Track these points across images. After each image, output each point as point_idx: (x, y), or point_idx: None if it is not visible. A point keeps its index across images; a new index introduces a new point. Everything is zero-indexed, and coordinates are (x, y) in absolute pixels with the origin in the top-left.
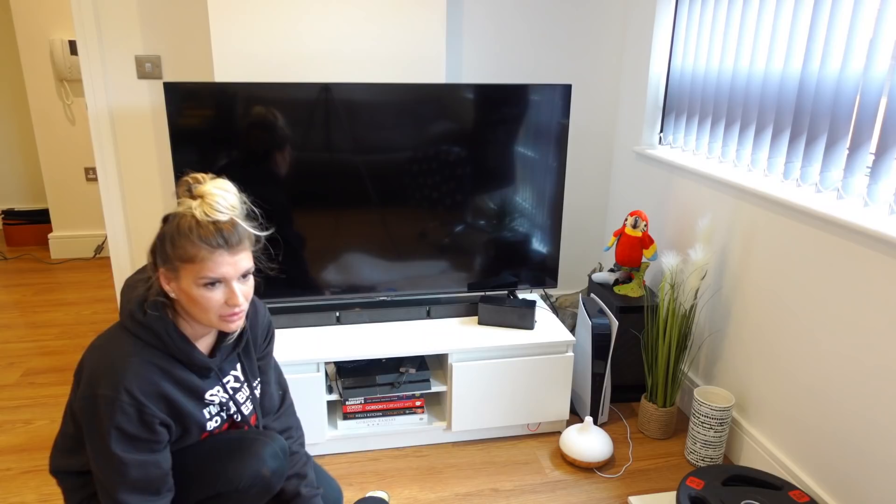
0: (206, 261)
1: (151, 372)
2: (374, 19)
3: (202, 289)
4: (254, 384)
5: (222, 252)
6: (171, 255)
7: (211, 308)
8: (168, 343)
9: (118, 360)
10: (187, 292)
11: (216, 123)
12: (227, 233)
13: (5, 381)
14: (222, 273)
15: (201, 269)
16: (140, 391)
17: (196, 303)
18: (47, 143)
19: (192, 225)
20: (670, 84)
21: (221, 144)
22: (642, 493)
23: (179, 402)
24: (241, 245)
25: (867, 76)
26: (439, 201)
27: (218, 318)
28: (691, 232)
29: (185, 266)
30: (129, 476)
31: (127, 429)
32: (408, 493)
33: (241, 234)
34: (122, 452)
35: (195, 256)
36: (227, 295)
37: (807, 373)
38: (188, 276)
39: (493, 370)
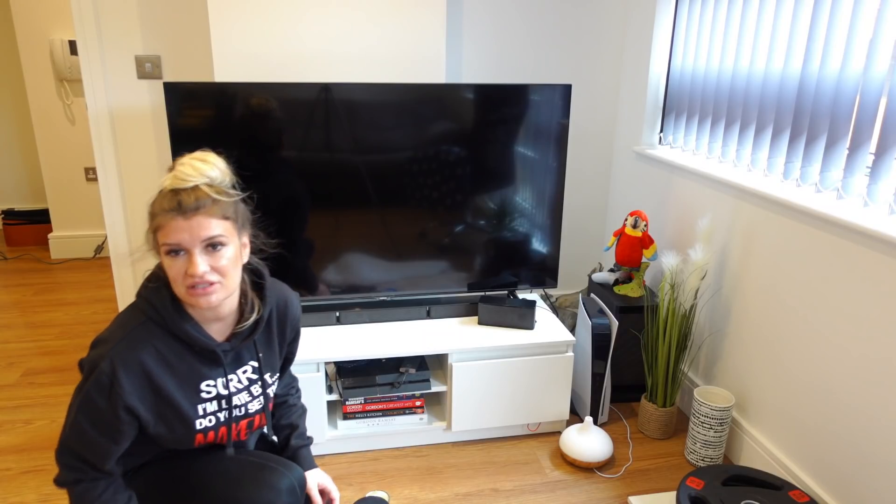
0: (164, 227)
1: (142, 349)
2: (374, 19)
3: (167, 257)
4: (271, 381)
5: (176, 217)
6: (149, 228)
7: (177, 278)
8: (166, 317)
9: (117, 331)
10: (164, 265)
11: (216, 123)
12: (182, 198)
13: (5, 381)
14: (178, 239)
15: (162, 235)
16: (121, 366)
17: (168, 275)
18: (47, 143)
19: (160, 195)
20: (670, 84)
21: (221, 144)
22: (642, 493)
23: (166, 387)
24: (200, 210)
25: (867, 76)
26: (439, 201)
27: (186, 291)
28: (691, 232)
29: (155, 235)
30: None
31: (95, 399)
32: (408, 493)
33: (201, 201)
34: (82, 420)
35: (158, 225)
36: (187, 264)
37: (807, 373)
38: (159, 245)
39: (493, 370)
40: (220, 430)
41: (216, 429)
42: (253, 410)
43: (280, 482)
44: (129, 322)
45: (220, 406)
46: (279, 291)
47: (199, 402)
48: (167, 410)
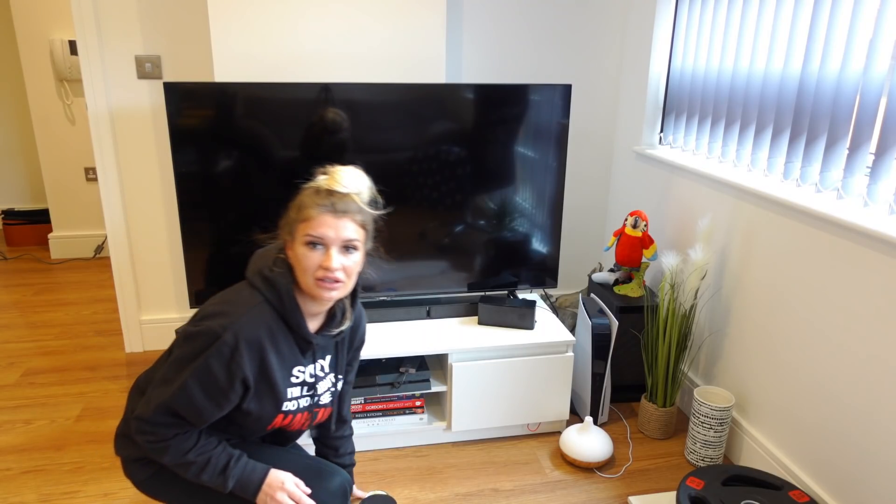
0: (313, 219)
1: (260, 327)
2: (373, 19)
3: (305, 247)
4: (338, 378)
5: (328, 213)
6: (293, 217)
7: (309, 268)
8: (285, 303)
9: (236, 307)
10: (296, 252)
11: (216, 123)
12: (336, 198)
13: (5, 381)
14: (323, 233)
15: (307, 226)
16: (244, 339)
17: (299, 262)
18: (47, 143)
19: (315, 190)
20: (670, 84)
21: (221, 144)
22: (642, 493)
23: (272, 366)
24: (347, 214)
25: (867, 76)
26: (439, 201)
27: (314, 282)
28: (691, 232)
29: (299, 226)
30: (181, 402)
31: (213, 367)
32: (408, 493)
33: (351, 205)
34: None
35: (307, 216)
36: (324, 258)
37: (807, 372)
38: (299, 236)
39: (493, 370)
40: (297, 416)
41: (294, 414)
42: (324, 402)
43: (332, 483)
44: (249, 300)
45: (301, 392)
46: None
47: (289, 386)
48: (265, 388)
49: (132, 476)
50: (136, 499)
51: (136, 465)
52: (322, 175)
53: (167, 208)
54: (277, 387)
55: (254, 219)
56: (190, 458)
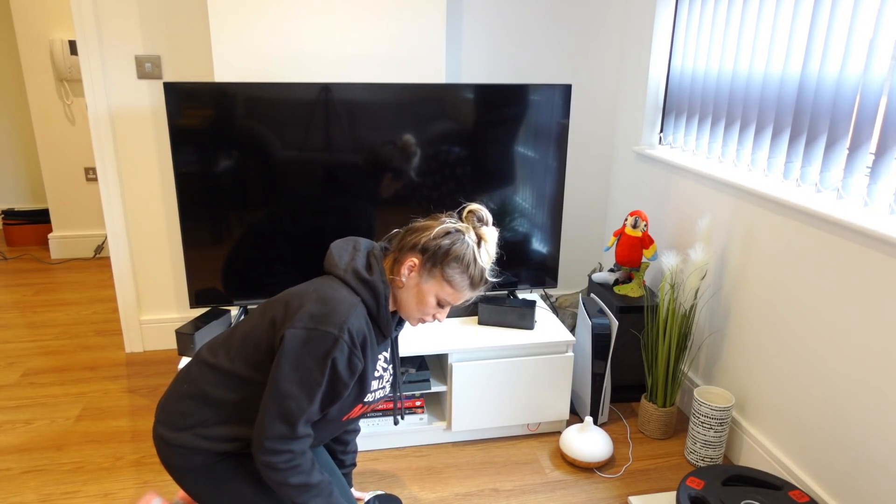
0: (458, 291)
1: (364, 325)
2: (374, 19)
3: (433, 301)
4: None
5: (471, 291)
6: (438, 263)
7: (425, 313)
8: (381, 306)
9: (342, 305)
10: (422, 293)
11: (216, 123)
12: (483, 278)
13: (5, 381)
14: (455, 301)
15: (450, 293)
16: (359, 337)
17: (420, 303)
18: (47, 143)
19: (471, 261)
20: (670, 84)
21: (221, 144)
22: (642, 493)
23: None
24: (482, 288)
25: (867, 76)
26: (439, 201)
27: (417, 318)
28: (691, 232)
29: (441, 282)
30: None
31: (338, 365)
32: (408, 493)
33: (486, 280)
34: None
35: (457, 285)
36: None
37: (807, 372)
38: (435, 287)
39: (493, 370)
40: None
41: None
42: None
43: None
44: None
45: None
46: None
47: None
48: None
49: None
50: (136, 499)
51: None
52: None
53: (167, 208)
54: (368, 380)
55: (254, 219)
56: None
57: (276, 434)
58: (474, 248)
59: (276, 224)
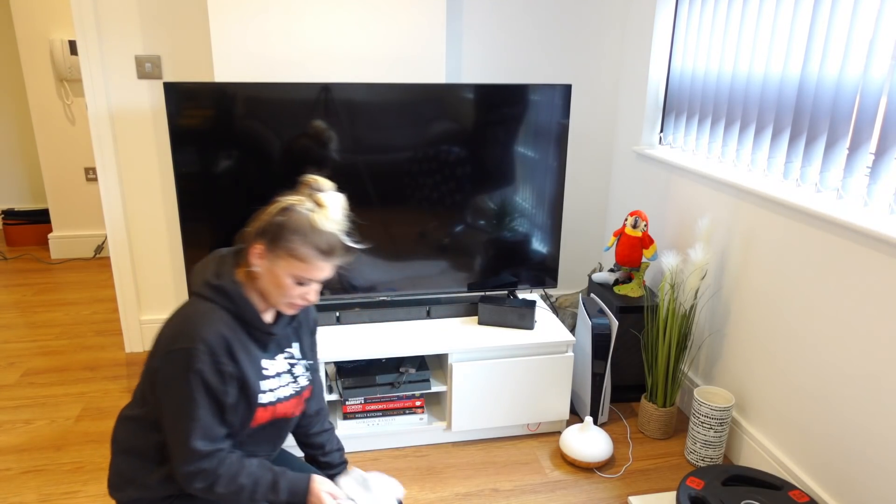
0: (309, 264)
1: (223, 329)
2: (374, 19)
3: (291, 281)
4: (308, 362)
5: (324, 261)
6: (279, 244)
7: (290, 297)
8: (239, 304)
9: (194, 318)
10: (277, 277)
11: (216, 123)
12: (334, 245)
13: (5, 381)
14: (315, 277)
15: (301, 268)
16: (214, 343)
17: (278, 287)
18: (47, 143)
19: (308, 229)
20: (670, 84)
21: (221, 144)
22: (642, 493)
23: (243, 362)
24: (339, 258)
25: (867, 77)
26: (439, 201)
27: (287, 304)
28: (691, 232)
29: (289, 259)
30: (203, 421)
31: (204, 375)
32: (408, 493)
33: (343, 248)
34: (199, 397)
35: (303, 257)
36: (307, 292)
37: (807, 372)
38: (286, 268)
39: (493, 370)
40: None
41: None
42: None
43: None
44: (201, 309)
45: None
46: None
47: (261, 379)
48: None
49: None
50: None
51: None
52: (311, 204)
53: (167, 208)
54: (250, 381)
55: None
56: (242, 481)
57: (182, 460)
58: (311, 217)
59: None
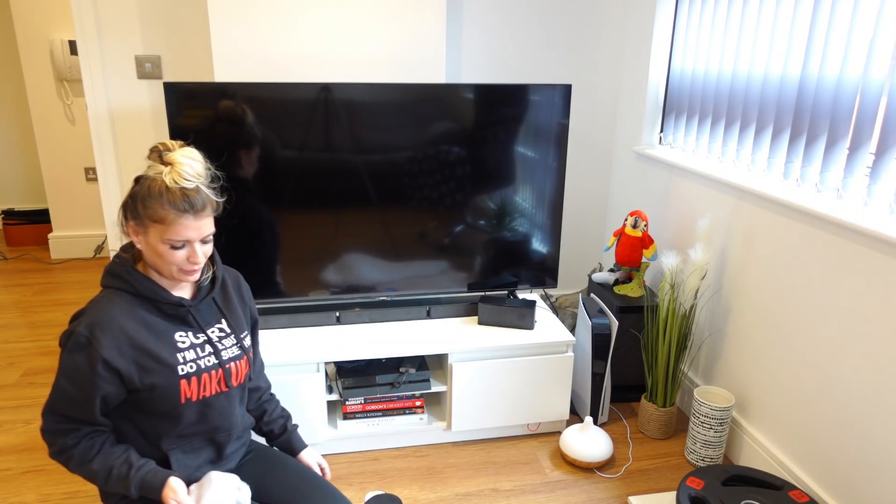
0: (173, 224)
1: (113, 310)
2: (374, 19)
3: (165, 247)
4: (241, 335)
5: (188, 217)
6: (141, 214)
7: (173, 263)
8: (131, 281)
9: (88, 305)
10: (153, 247)
11: (216, 123)
12: (193, 199)
13: (5, 381)
14: (187, 236)
15: (167, 230)
16: (98, 324)
17: (160, 257)
18: (47, 143)
19: (162, 189)
20: (670, 84)
21: (221, 144)
22: (642, 493)
23: (143, 339)
24: (205, 210)
25: (867, 77)
26: (439, 201)
27: (178, 271)
28: (691, 232)
29: (154, 225)
30: (59, 401)
31: (75, 359)
32: (408, 493)
33: (206, 200)
34: (62, 378)
35: (164, 218)
36: (189, 254)
37: (807, 373)
38: (155, 235)
39: (493, 370)
40: (202, 377)
41: (198, 375)
42: (232, 356)
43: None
44: (99, 296)
45: (199, 354)
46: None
47: (176, 352)
48: (148, 361)
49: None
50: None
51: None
52: (161, 167)
53: None
54: (160, 355)
55: (253, 219)
56: (94, 467)
57: (41, 427)
58: (162, 179)
59: (275, 224)
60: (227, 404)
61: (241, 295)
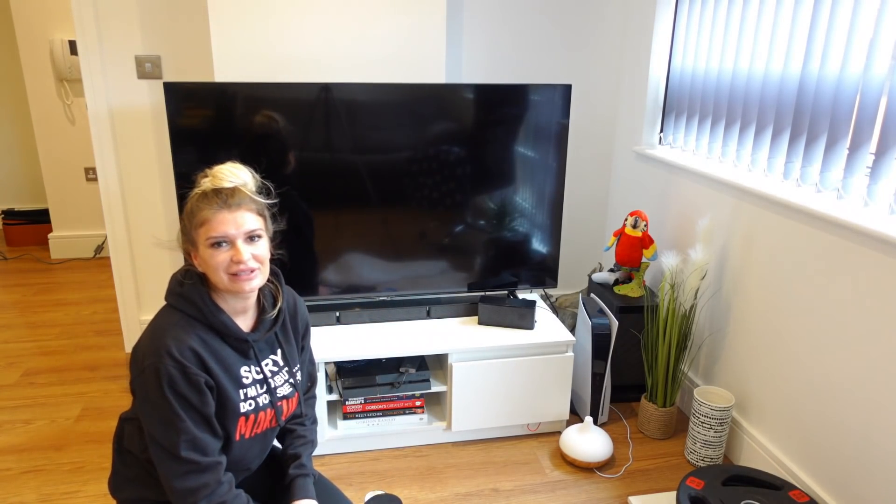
0: (210, 220)
1: (190, 338)
2: (374, 19)
3: (211, 249)
4: (294, 370)
5: (223, 211)
6: (188, 227)
7: (220, 266)
8: (204, 310)
9: (159, 331)
10: (203, 257)
11: (216, 123)
12: (226, 194)
13: (5, 381)
14: (224, 231)
15: (207, 229)
16: (180, 354)
17: (208, 265)
18: (47, 143)
19: (200, 196)
20: (670, 84)
21: (221, 144)
22: (642, 493)
23: (215, 371)
24: (242, 206)
25: (867, 76)
26: (439, 201)
27: (228, 278)
28: (691, 232)
29: (198, 232)
30: (188, 431)
31: (178, 387)
32: (408, 493)
33: (242, 197)
34: (179, 408)
35: (203, 219)
36: (233, 253)
37: (807, 372)
38: (201, 241)
39: (493, 370)
40: (258, 414)
41: (255, 413)
42: (284, 394)
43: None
44: (169, 321)
45: (258, 392)
46: (289, 290)
47: (240, 388)
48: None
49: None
50: None
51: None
52: (203, 178)
53: (167, 208)
54: (226, 390)
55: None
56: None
57: (175, 476)
58: (203, 186)
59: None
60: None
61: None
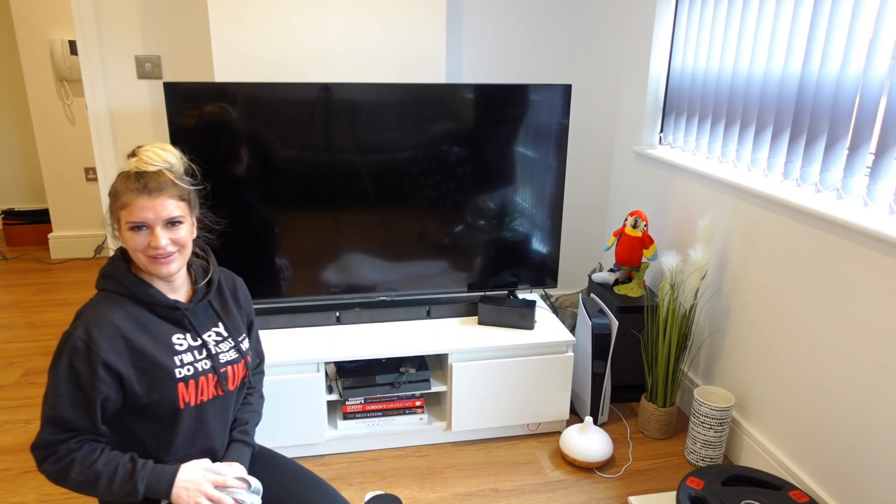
0: (130, 206)
1: (111, 312)
2: (374, 19)
3: (130, 232)
4: (239, 339)
5: (143, 197)
6: (112, 207)
7: (138, 248)
8: (128, 285)
9: (83, 309)
10: (124, 238)
11: (216, 123)
12: (147, 179)
13: (5, 381)
14: (143, 217)
15: (127, 213)
16: (96, 327)
17: (128, 245)
18: (47, 143)
19: (123, 176)
20: (670, 84)
21: (221, 144)
22: (642, 493)
23: (140, 342)
24: (164, 191)
25: (867, 76)
26: (439, 201)
27: (147, 260)
28: (691, 232)
29: (119, 213)
30: (59, 408)
31: (74, 362)
32: (408, 493)
33: (164, 181)
34: (62, 384)
35: (123, 203)
36: (150, 238)
37: (807, 373)
38: (122, 222)
39: (493, 370)
40: (199, 380)
41: (195, 378)
42: (229, 359)
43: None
44: (94, 299)
45: (194, 357)
46: (224, 270)
47: (174, 354)
48: (145, 363)
49: None
50: None
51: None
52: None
53: None
54: (157, 357)
55: (253, 219)
56: (98, 467)
57: (36, 443)
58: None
59: (275, 224)
60: (223, 409)
61: (237, 298)
